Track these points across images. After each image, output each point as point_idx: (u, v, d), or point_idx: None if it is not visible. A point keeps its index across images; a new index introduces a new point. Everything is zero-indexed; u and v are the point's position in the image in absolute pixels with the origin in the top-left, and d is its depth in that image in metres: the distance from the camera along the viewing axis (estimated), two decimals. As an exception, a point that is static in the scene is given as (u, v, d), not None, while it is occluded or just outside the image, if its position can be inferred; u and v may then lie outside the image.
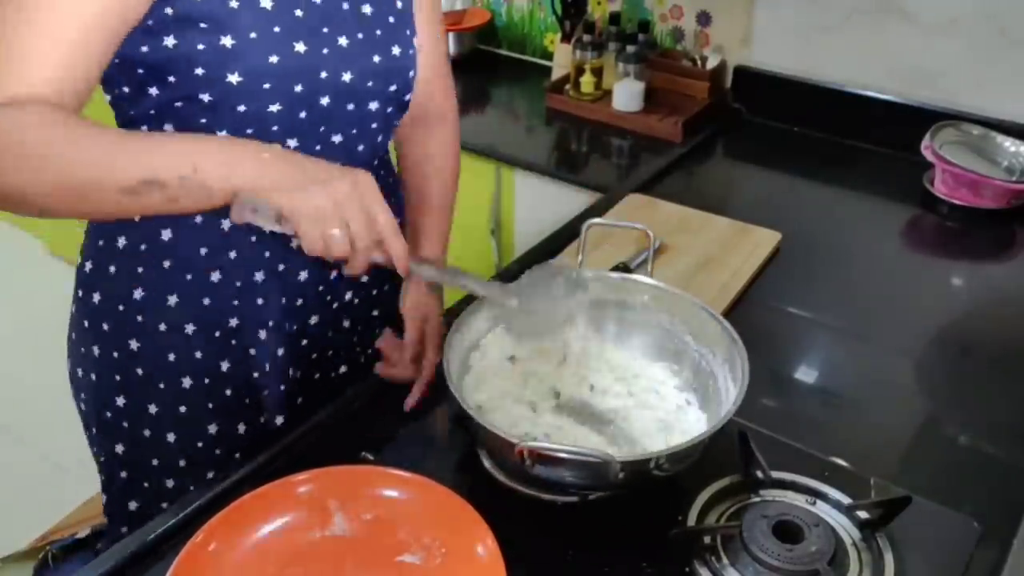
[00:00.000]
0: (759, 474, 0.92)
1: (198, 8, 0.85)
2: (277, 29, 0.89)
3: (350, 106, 0.97)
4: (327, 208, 0.78)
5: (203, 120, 0.91)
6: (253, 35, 0.87)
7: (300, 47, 0.90)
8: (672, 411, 1.00)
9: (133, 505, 1.13)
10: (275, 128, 0.93)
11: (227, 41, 0.86)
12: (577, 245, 1.16)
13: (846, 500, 0.91)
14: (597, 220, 1.21)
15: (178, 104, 0.90)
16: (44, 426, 2.51)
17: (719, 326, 0.98)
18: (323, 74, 0.93)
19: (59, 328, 1.16)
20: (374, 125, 1.02)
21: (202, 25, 0.86)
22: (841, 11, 1.79)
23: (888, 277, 1.39)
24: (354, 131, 1.00)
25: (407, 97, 1.04)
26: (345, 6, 0.95)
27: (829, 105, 1.84)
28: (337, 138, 0.98)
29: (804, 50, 1.86)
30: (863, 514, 0.89)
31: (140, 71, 0.89)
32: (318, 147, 0.97)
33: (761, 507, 0.88)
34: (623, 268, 1.27)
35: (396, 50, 1.00)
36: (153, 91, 0.90)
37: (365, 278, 1.10)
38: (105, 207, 0.79)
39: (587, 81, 1.97)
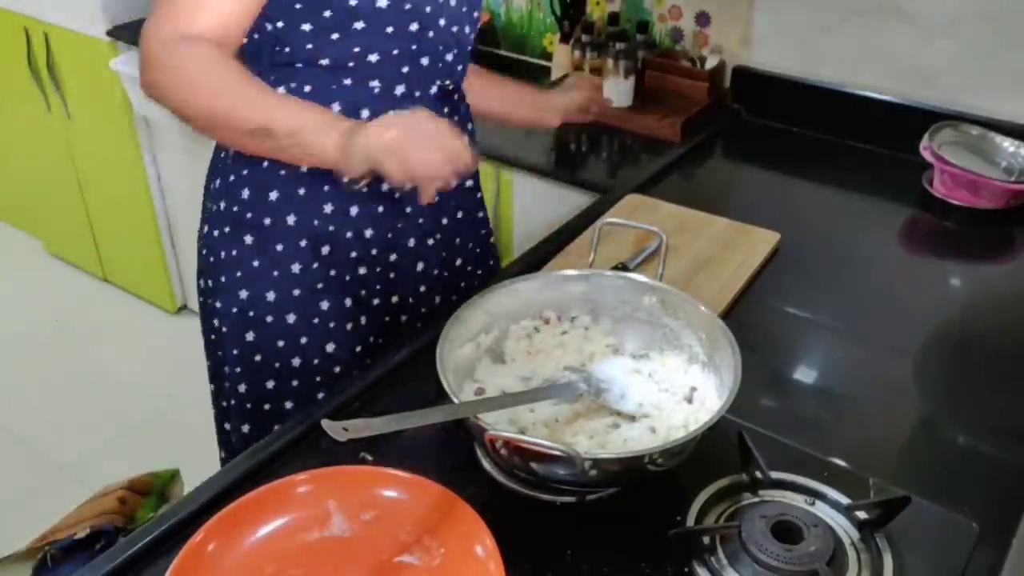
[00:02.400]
0: (758, 474, 0.92)
1: None
2: None
3: (454, 28, 1.16)
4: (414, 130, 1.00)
5: (356, 49, 1.09)
6: None
7: None
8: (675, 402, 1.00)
9: (246, 428, 1.26)
10: (414, 47, 1.11)
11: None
12: (581, 245, 1.16)
13: (845, 500, 0.91)
14: (612, 220, 1.21)
15: (334, 36, 1.07)
16: (44, 426, 2.52)
17: (714, 324, 0.98)
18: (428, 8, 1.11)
19: (58, 327, 1.17)
20: (469, 48, 1.22)
21: None
22: (840, 12, 1.79)
23: (887, 277, 1.40)
24: (455, 51, 1.17)
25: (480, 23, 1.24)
26: None
27: (828, 105, 1.84)
28: (449, 56, 1.17)
29: (803, 50, 1.86)
30: (862, 514, 0.89)
31: (297, 6, 1.05)
32: (440, 64, 1.16)
33: (760, 507, 0.88)
34: (622, 268, 1.27)
35: None
36: (307, 27, 1.07)
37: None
38: (231, 138, 1.07)
39: (586, 81, 1.97)
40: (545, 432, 0.96)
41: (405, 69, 1.13)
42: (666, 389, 1.02)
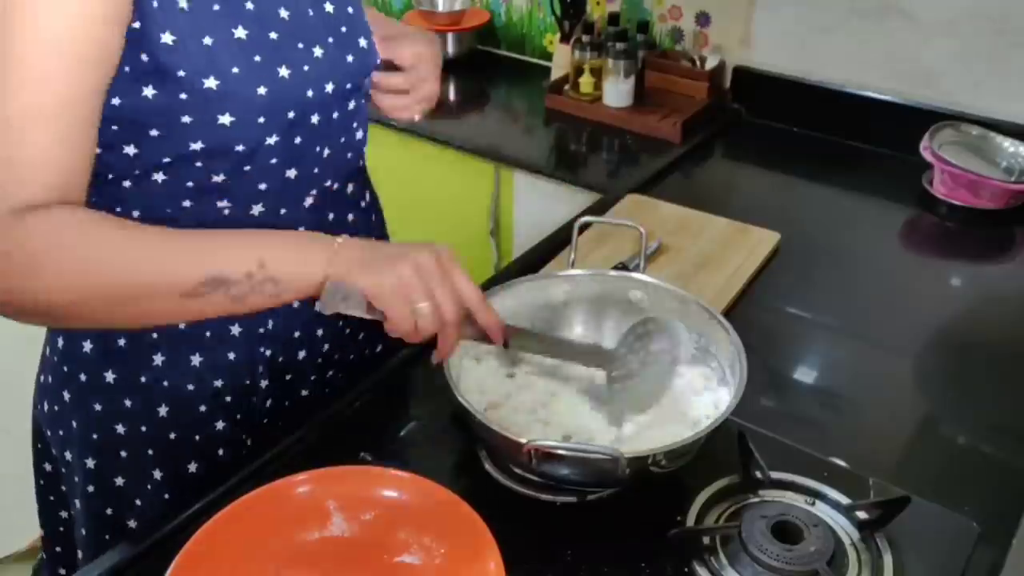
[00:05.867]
0: (758, 474, 0.92)
1: (173, 54, 0.78)
2: (258, 58, 0.83)
3: (335, 115, 0.93)
4: (411, 280, 0.78)
5: (198, 164, 0.85)
6: (236, 70, 0.81)
7: (284, 71, 0.85)
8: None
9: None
10: (274, 160, 0.88)
11: (211, 83, 0.80)
12: (581, 245, 1.16)
13: (845, 500, 0.91)
14: (588, 218, 1.20)
15: (167, 160, 0.84)
16: (43, 426, 2.51)
17: (718, 325, 0.98)
18: (309, 92, 0.87)
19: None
20: (355, 124, 0.97)
21: (180, 73, 0.79)
22: (840, 11, 1.79)
23: (887, 277, 1.40)
24: (342, 139, 0.95)
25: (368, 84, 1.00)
26: (311, 12, 0.90)
27: (828, 105, 1.84)
28: (327, 152, 0.94)
29: (803, 50, 1.86)
30: (862, 514, 0.89)
31: (114, 128, 0.81)
32: (316, 169, 0.93)
33: (760, 507, 0.88)
34: (622, 268, 1.27)
35: (363, 42, 0.95)
36: (130, 150, 0.83)
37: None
38: (159, 312, 0.78)
39: (586, 81, 1.97)
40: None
41: (263, 186, 0.89)
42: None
